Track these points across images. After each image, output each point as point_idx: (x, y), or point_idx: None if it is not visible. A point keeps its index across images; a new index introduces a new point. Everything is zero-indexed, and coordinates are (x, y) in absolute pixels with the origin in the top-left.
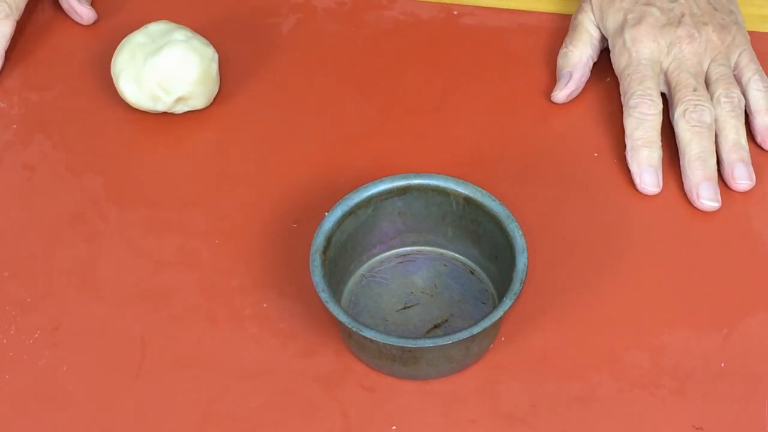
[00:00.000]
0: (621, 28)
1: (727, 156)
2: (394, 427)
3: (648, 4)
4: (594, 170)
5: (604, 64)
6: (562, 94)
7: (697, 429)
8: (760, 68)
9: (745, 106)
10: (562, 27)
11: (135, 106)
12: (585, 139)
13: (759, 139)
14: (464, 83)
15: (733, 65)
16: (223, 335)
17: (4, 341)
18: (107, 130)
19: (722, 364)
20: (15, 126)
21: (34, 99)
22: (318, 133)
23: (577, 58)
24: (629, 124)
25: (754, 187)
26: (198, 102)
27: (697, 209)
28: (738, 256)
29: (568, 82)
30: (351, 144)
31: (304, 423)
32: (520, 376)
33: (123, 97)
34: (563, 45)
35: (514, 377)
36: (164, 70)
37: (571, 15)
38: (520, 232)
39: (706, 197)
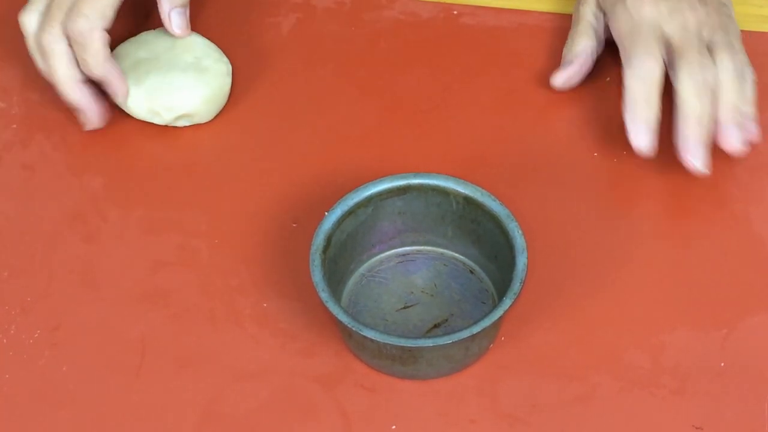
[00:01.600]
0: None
1: (724, 117)
2: (394, 427)
3: None
4: (594, 170)
5: (604, 64)
6: (559, 77)
7: (697, 429)
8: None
9: None
10: (562, 27)
11: (134, 116)
12: (585, 139)
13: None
14: (464, 83)
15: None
16: (223, 335)
17: (4, 341)
18: (107, 130)
19: (722, 364)
20: (15, 126)
21: (34, 99)
22: (318, 132)
23: (581, 48)
24: (631, 80)
25: (754, 187)
26: (202, 118)
27: (697, 209)
28: (738, 256)
29: (567, 68)
30: (351, 144)
31: (304, 423)
32: (520, 376)
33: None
34: (568, 37)
35: (514, 377)
36: (170, 92)
37: (571, 14)
38: (520, 231)
39: (698, 159)
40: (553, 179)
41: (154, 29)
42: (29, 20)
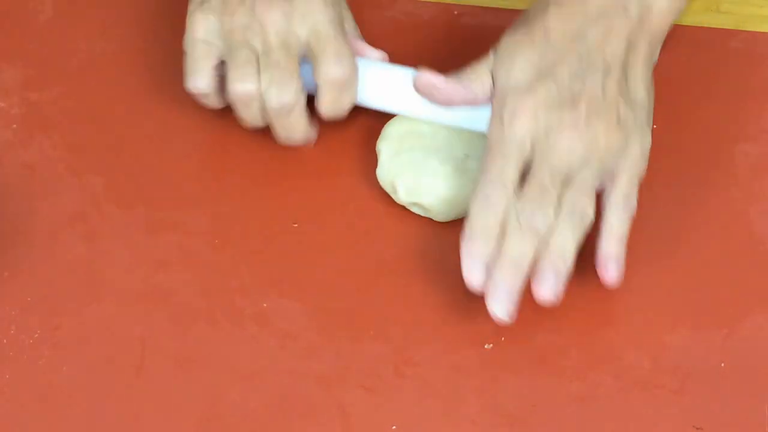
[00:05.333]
0: (505, 92)
1: (542, 262)
2: (394, 427)
3: (546, 75)
4: None
5: None
6: (429, 77)
7: (697, 429)
8: (633, 195)
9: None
10: None
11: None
12: None
13: (598, 263)
14: None
15: (608, 173)
16: (223, 335)
17: (4, 341)
18: (107, 130)
19: (722, 364)
20: (15, 126)
21: (34, 99)
22: (317, 132)
23: (473, 78)
24: (473, 206)
25: (754, 187)
26: (437, 216)
27: (697, 209)
28: (738, 256)
29: (445, 80)
30: (351, 144)
31: (305, 423)
32: (520, 376)
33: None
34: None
35: (514, 377)
36: (419, 176)
37: None
38: None
39: (497, 306)
40: None
41: None
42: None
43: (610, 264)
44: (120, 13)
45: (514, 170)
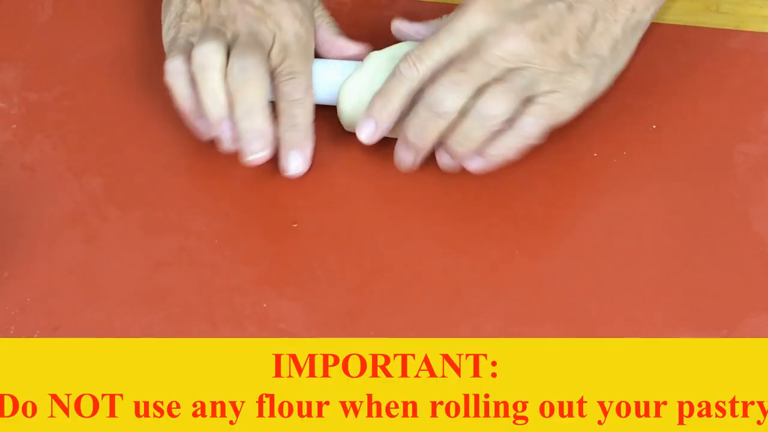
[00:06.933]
0: None
1: (448, 141)
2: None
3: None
4: (594, 170)
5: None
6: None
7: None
8: (536, 124)
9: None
10: None
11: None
12: (585, 138)
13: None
14: None
15: (529, 95)
16: (223, 335)
17: None
18: (107, 130)
19: None
20: (15, 126)
21: (34, 99)
22: (318, 132)
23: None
24: (393, 71)
25: (754, 188)
26: None
27: (697, 209)
28: (738, 256)
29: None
30: (351, 144)
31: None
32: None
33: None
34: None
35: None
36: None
37: None
38: None
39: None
40: (553, 179)
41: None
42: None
43: (479, 161)
44: (120, 13)
45: (440, 53)
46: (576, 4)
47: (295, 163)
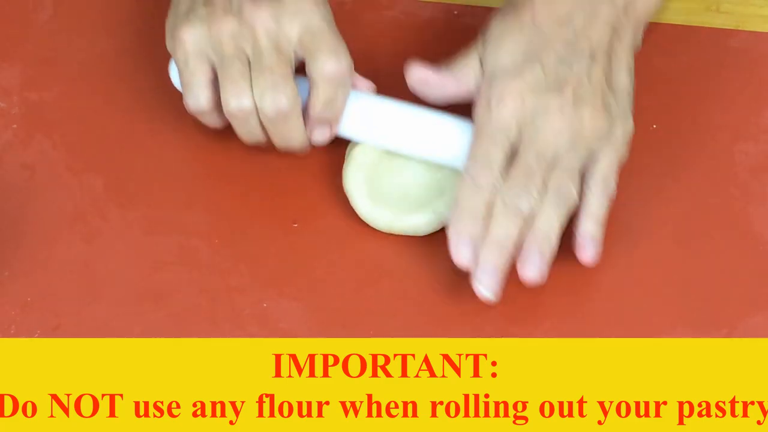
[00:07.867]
0: (492, 76)
1: (527, 243)
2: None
3: (533, 60)
4: None
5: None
6: (421, 72)
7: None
8: (612, 177)
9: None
10: None
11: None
12: None
13: (577, 243)
14: None
15: (591, 157)
16: (223, 335)
17: None
18: (107, 130)
19: None
20: (15, 126)
21: (34, 99)
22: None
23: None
24: (461, 188)
25: (754, 188)
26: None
27: (697, 209)
28: (738, 256)
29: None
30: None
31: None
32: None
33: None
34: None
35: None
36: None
37: None
38: None
39: (482, 286)
40: None
41: None
42: (245, 102)
43: (588, 243)
44: (120, 13)
45: (500, 153)
46: (597, 55)
47: (323, 137)
